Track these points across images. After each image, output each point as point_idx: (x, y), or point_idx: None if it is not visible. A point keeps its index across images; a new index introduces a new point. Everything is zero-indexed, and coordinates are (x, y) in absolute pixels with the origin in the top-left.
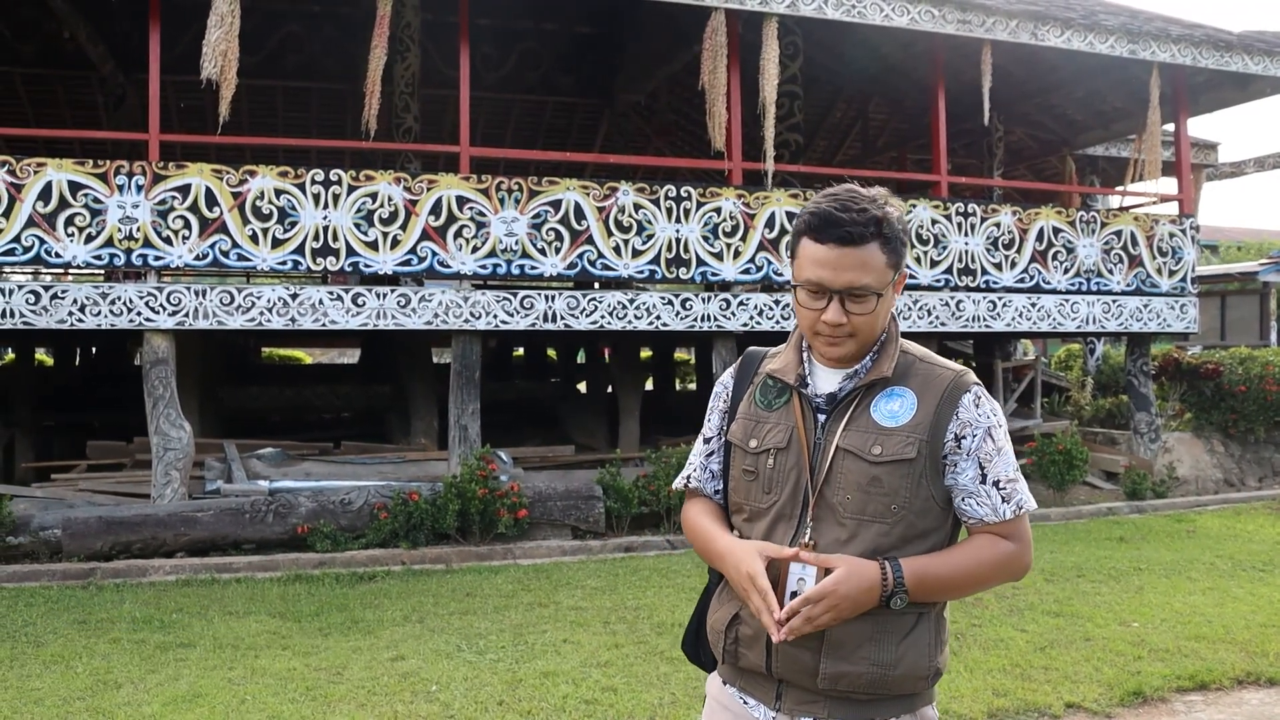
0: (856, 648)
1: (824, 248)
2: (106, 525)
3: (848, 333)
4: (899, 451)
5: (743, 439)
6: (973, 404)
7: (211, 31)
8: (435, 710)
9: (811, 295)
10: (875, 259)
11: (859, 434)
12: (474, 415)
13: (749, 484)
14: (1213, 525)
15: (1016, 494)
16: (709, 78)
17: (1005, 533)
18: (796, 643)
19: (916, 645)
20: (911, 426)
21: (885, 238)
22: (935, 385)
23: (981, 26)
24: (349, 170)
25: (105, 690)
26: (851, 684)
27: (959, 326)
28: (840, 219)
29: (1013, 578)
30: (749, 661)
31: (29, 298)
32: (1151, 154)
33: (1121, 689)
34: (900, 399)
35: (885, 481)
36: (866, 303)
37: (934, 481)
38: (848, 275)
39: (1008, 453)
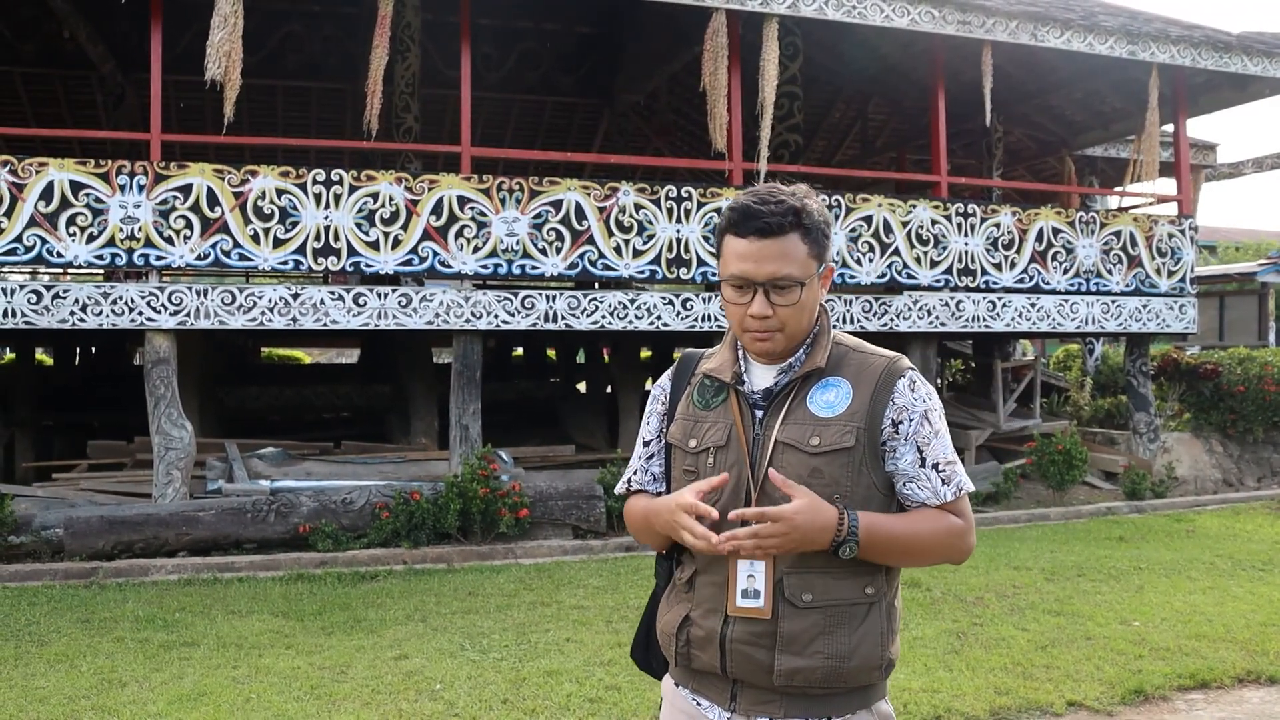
0: (810, 642)
1: (745, 241)
2: (109, 525)
3: (775, 326)
4: (837, 441)
5: (682, 439)
6: (908, 389)
7: (215, 32)
8: (440, 709)
9: (737, 290)
10: (796, 249)
11: (797, 426)
12: (475, 415)
13: (690, 483)
14: (1212, 525)
15: (955, 476)
16: (710, 78)
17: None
18: (749, 640)
19: (869, 636)
20: (848, 415)
21: (805, 228)
22: (869, 373)
23: (981, 27)
24: (350, 170)
25: (110, 689)
26: (807, 679)
27: (959, 327)
28: (759, 211)
29: (956, 555)
30: (702, 663)
31: (31, 297)
32: (1150, 155)
33: (1123, 687)
34: (835, 389)
35: (825, 471)
36: (790, 293)
37: (874, 469)
38: (769, 266)
39: (944, 435)
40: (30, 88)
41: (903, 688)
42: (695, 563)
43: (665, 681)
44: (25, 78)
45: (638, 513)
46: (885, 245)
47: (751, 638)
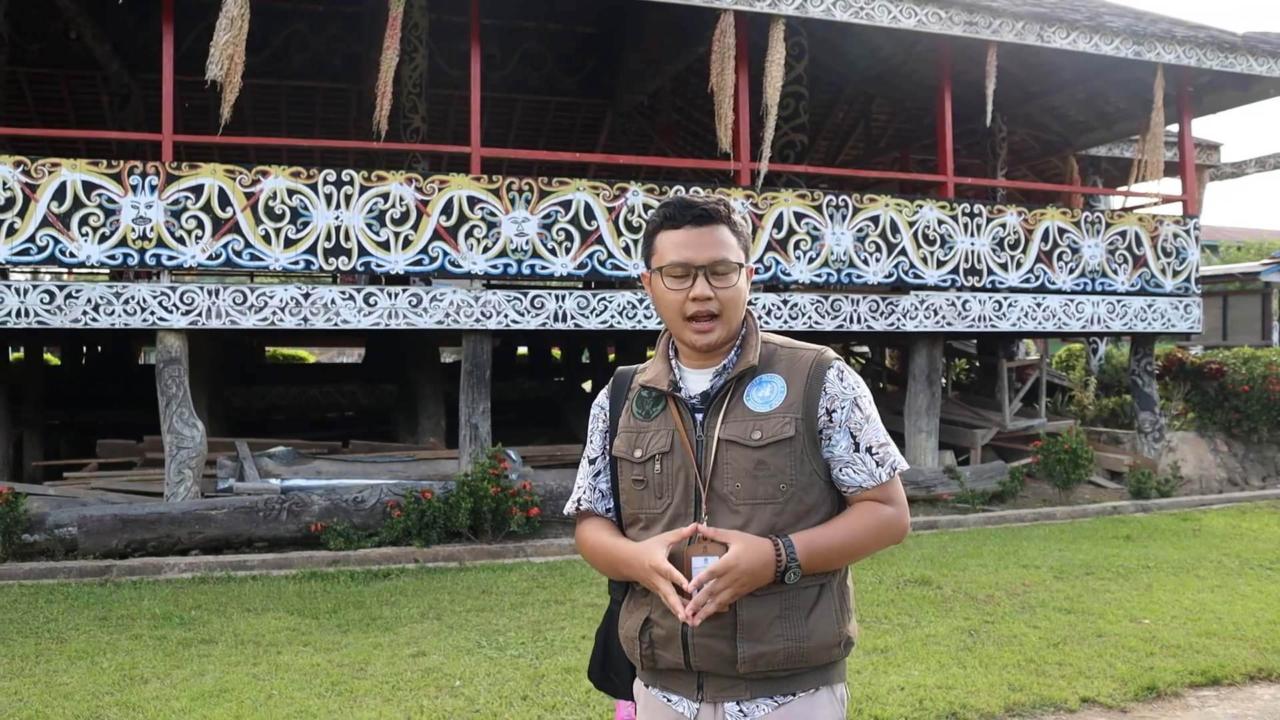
0: (769, 627)
1: (682, 231)
2: (122, 523)
3: (715, 310)
4: (778, 432)
5: (627, 451)
6: (837, 378)
7: (220, 34)
8: (460, 705)
9: (677, 279)
10: (729, 239)
11: (737, 423)
12: (484, 414)
13: (640, 493)
14: (1218, 524)
15: (889, 457)
16: (717, 79)
17: (883, 497)
18: (710, 633)
19: (825, 616)
20: (785, 407)
21: (733, 222)
22: (800, 366)
23: (988, 28)
24: (360, 170)
25: (132, 685)
26: (770, 662)
27: (965, 326)
28: (694, 201)
29: (893, 540)
30: (667, 661)
31: (44, 297)
32: (1154, 155)
33: (1136, 684)
34: (770, 384)
35: (770, 463)
36: (729, 277)
37: (814, 456)
38: (709, 251)
39: (875, 419)
40: (35, 88)
41: (917, 684)
42: None
43: (636, 686)
44: (31, 78)
45: (597, 548)
46: (892, 245)
47: (712, 630)
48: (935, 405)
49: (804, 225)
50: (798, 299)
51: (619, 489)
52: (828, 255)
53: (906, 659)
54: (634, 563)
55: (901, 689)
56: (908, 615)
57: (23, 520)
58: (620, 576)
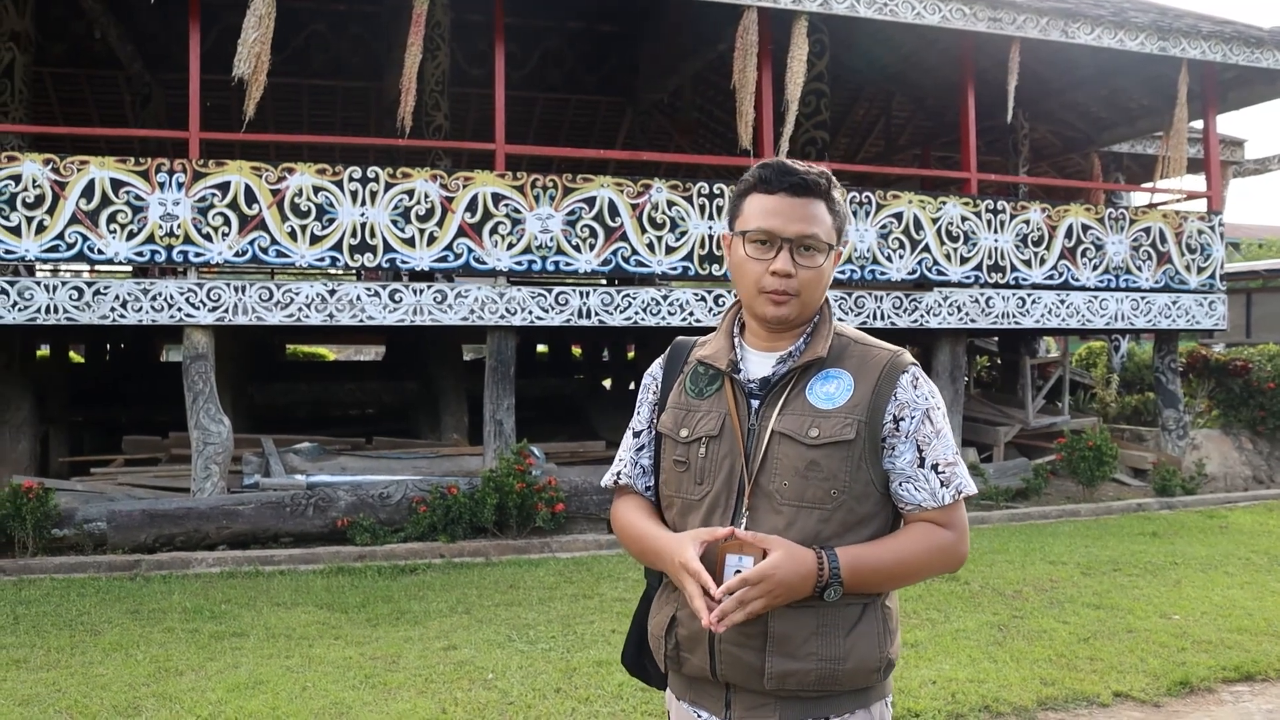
0: (802, 643)
1: (775, 198)
2: (150, 518)
3: (795, 289)
4: (837, 433)
5: (673, 428)
6: (910, 385)
7: (248, 32)
8: (494, 697)
9: (759, 246)
10: (824, 216)
11: (795, 417)
12: (509, 410)
13: (680, 475)
14: (1245, 521)
15: (956, 478)
16: (739, 76)
17: (943, 520)
18: (738, 642)
19: (865, 637)
20: (849, 408)
21: (832, 200)
22: (872, 366)
23: (1012, 24)
24: (386, 168)
25: (168, 677)
26: (800, 682)
27: (989, 323)
28: (794, 169)
29: (948, 569)
30: (693, 667)
31: (72, 293)
32: (1177, 151)
33: (1168, 679)
34: (836, 380)
35: (823, 465)
36: (815, 256)
37: (873, 465)
38: (799, 225)
39: (946, 435)
40: (59, 88)
41: (949, 678)
42: None
43: (668, 697)
44: (54, 77)
45: (630, 530)
46: (915, 242)
47: (740, 638)
48: (958, 402)
49: None
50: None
51: (659, 467)
52: (851, 252)
53: (937, 653)
54: (665, 556)
55: (933, 682)
56: (936, 610)
57: (53, 515)
58: (651, 566)
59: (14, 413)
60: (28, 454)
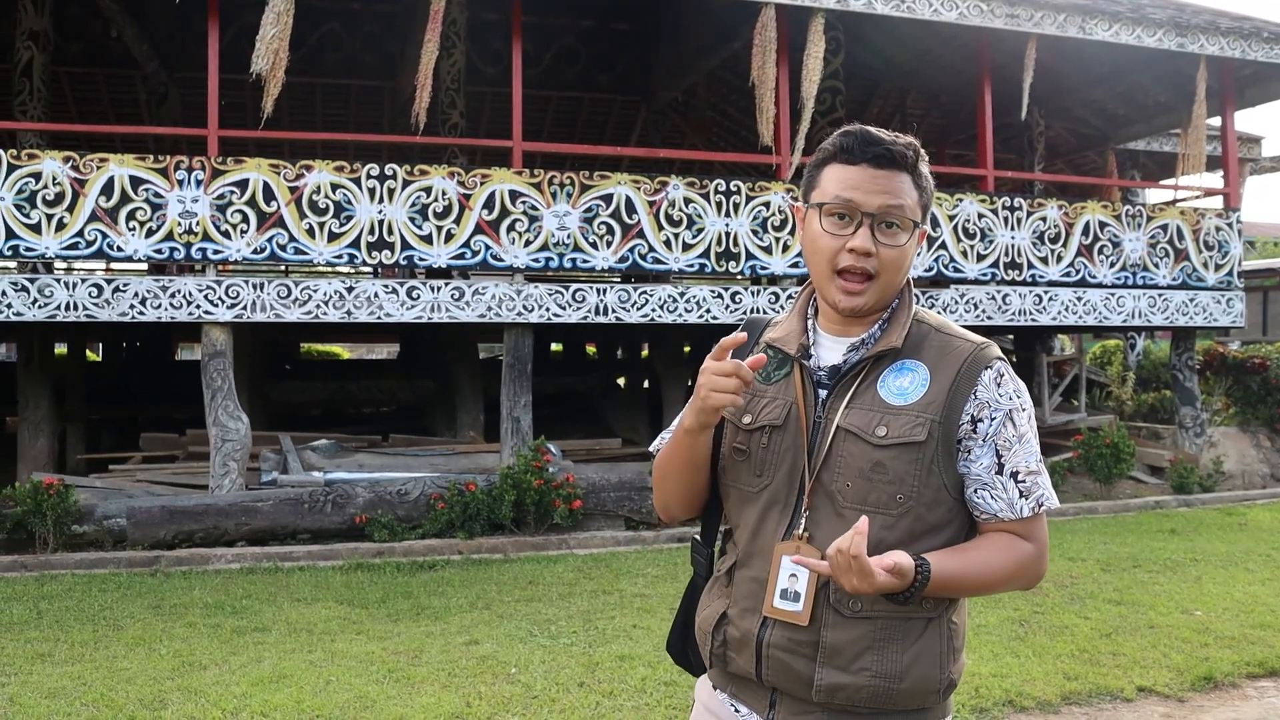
0: (856, 656)
1: (856, 169)
2: (169, 514)
3: (873, 270)
4: (907, 434)
5: (735, 413)
6: (994, 382)
7: (267, 28)
8: (518, 691)
9: (837, 221)
10: (909, 190)
11: (863, 412)
12: (526, 408)
13: (739, 464)
14: (1264, 519)
15: (1038, 489)
16: (758, 73)
17: (1022, 532)
18: (789, 648)
19: (927, 654)
20: (923, 405)
21: (919, 174)
22: (951, 359)
23: (1029, 21)
24: (403, 165)
25: (192, 671)
26: (850, 697)
27: (1005, 320)
28: (879, 138)
29: (1025, 586)
30: (738, 666)
31: (92, 291)
32: (1195, 148)
33: (1192, 674)
34: (911, 374)
35: (890, 468)
36: (898, 234)
37: (947, 469)
38: (882, 197)
39: (1030, 441)
40: (75, 87)
41: (972, 673)
42: (736, 552)
43: (701, 683)
44: (71, 77)
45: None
46: (932, 239)
47: (791, 645)
48: None
49: None
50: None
51: (719, 451)
52: None
53: None
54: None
55: None
56: None
57: (73, 511)
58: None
59: (33, 410)
60: (46, 451)
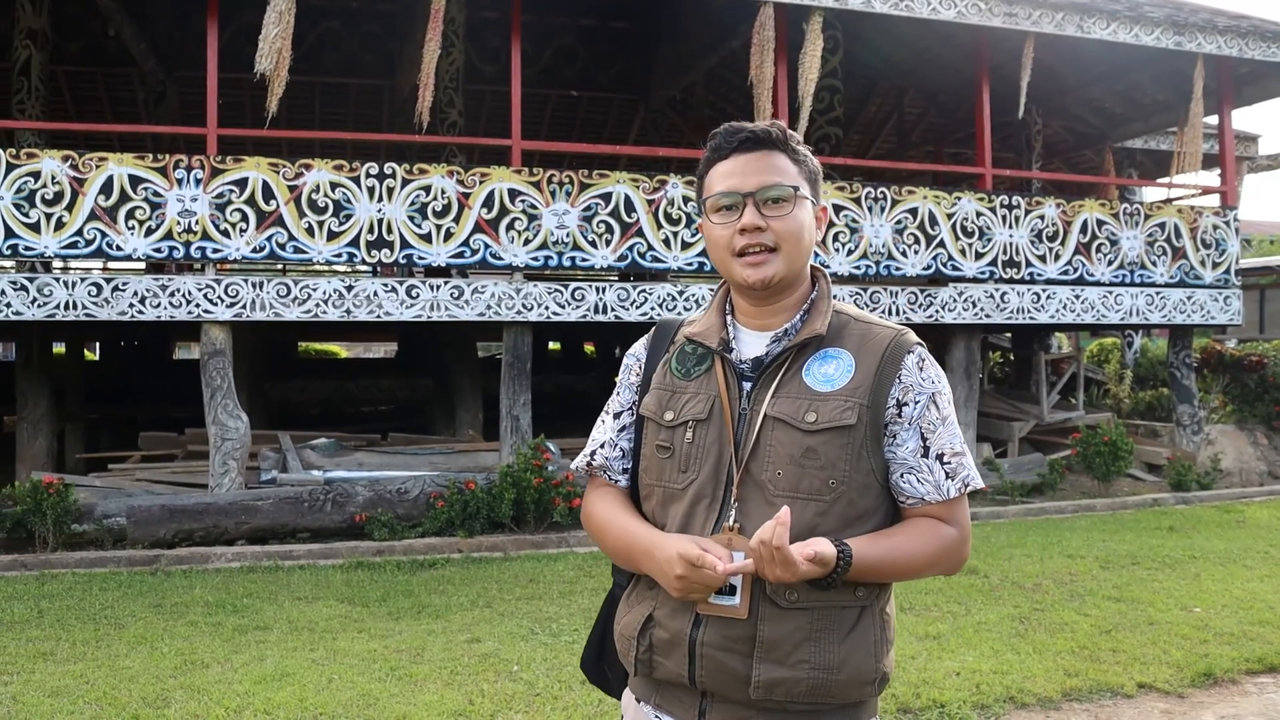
0: (794, 649)
1: (730, 160)
2: (169, 513)
3: (770, 243)
4: (837, 417)
5: (657, 411)
6: (916, 366)
7: (269, 28)
8: (520, 689)
9: (725, 212)
10: (785, 165)
11: (790, 400)
12: (525, 406)
13: (663, 462)
14: (1261, 516)
15: (963, 469)
16: (757, 72)
17: (946, 516)
18: (724, 646)
19: (861, 645)
20: (849, 390)
21: (792, 150)
22: (874, 345)
23: (1028, 19)
24: (402, 164)
25: (194, 669)
26: (789, 692)
27: (1003, 318)
28: (743, 126)
29: (948, 571)
30: (666, 671)
31: (91, 290)
32: (1192, 146)
33: (1192, 670)
34: (836, 361)
35: (821, 453)
36: (783, 205)
37: (874, 454)
38: (757, 177)
39: (953, 423)
40: (73, 86)
41: (973, 669)
42: None
43: (625, 698)
44: (69, 75)
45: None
46: (931, 237)
47: (725, 642)
48: (974, 398)
49: (843, 217)
50: (836, 291)
51: (639, 454)
52: (866, 247)
53: (959, 645)
54: (656, 554)
55: (957, 674)
56: (957, 603)
57: (73, 510)
58: (632, 566)
59: (32, 409)
60: (45, 450)
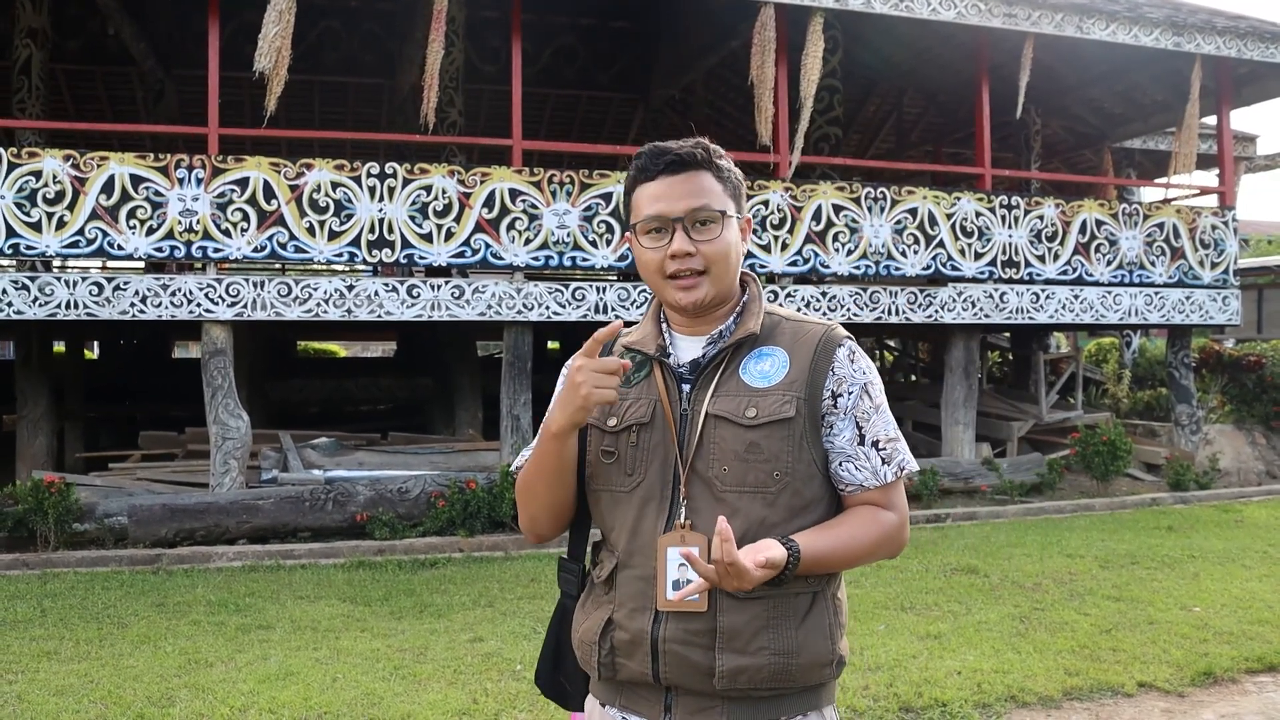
0: (753, 636)
1: (656, 182)
2: (171, 512)
3: (699, 266)
4: (777, 411)
5: (600, 418)
6: (847, 359)
7: (269, 27)
8: (524, 688)
9: (654, 235)
10: (712, 185)
11: (730, 398)
12: (526, 405)
13: (609, 467)
14: (1260, 516)
15: (898, 454)
16: (758, 73)
17: (884, 501)
18: (684, 640)
19: (817, 628)
20: (786, 384)
21: (717, 167)
22: (806, 341)
23: (1027, 20)
24: (403, 163)
25: (198, 669)
26: (752, 679)
27: (1003, 318)
28: (668, 147)
29: (889, 555)
30: (630, 672)
31: (92, 289)
32: (1187, 147)
33: (1192, 669)
34: (770, 358)
35: (764, 446)
36: (712, 228)
37: (814, 444)
38: (685, 201)
39: (885, 410)
40: (72, 84)
41: (974, 668)
42: (615, 556)
43: (589, 704)
44: (68, 74)
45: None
46: (930, 237)
47: (687, 636)
48: (973, 397)
49: (843, 218)
50: (836, 291)
51: (584, 460)
52: (866, 247)
53: (960, 644)
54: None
55: (959, 673)
56: (958, 603)
57: (74, 510)
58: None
59: (32, 408)
60: (45, 449)
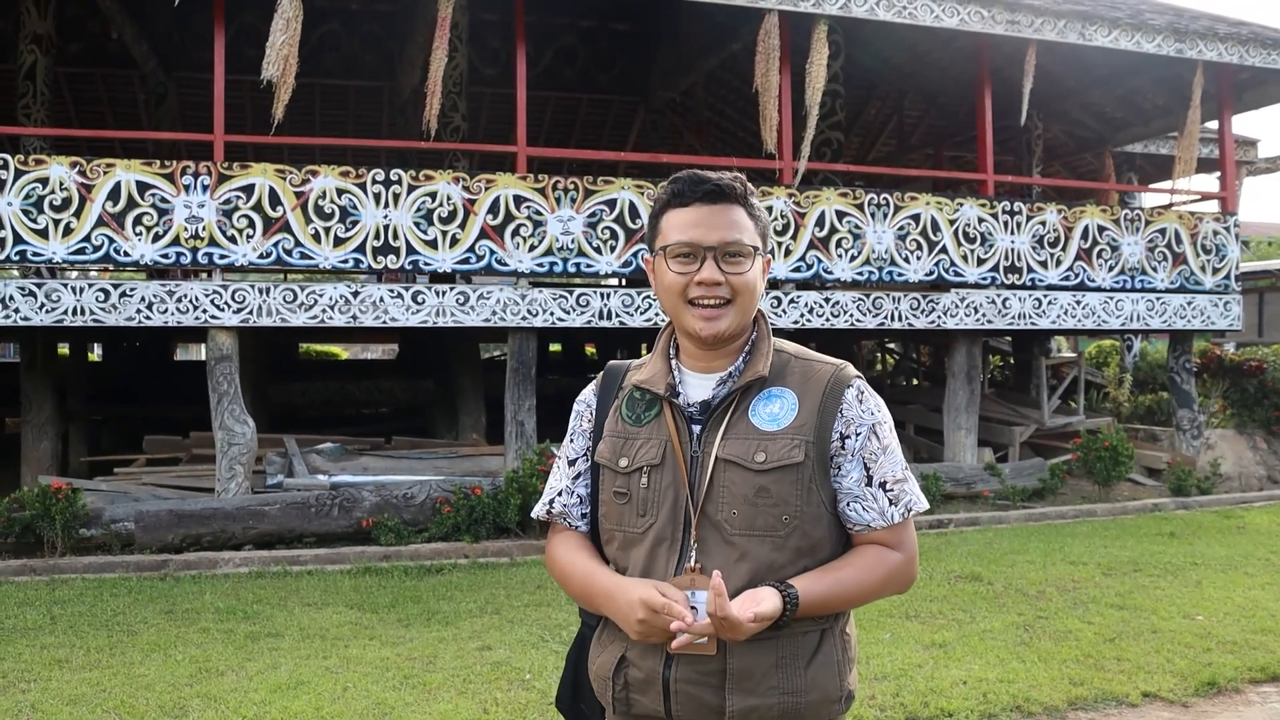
0: (763, 677)
1: (691, 209)
2: (177, 518)
3: (726, 296)
4: (785, 456)
5: (611, 458)
6: (856, 400)
7: (276, 35)
8: (534, 698)
9: (683, 260)
10: (745, 221)
11: (739, 441)
12: (530, 411)
13: (621, 508)
14: (1262, 522)
15: (905, 495)
16: (761, 80)
17: (892, 541)
18: (696, 680)
19: (826, 667)
20: (795, 428)
21: (750, 205)
22: (815, 382)
23: (1030, 27)
24: (409, 170)
25: (209, 677)
26: (763, 718)
27: (1005, 324)
28: (706, 176)
29: (897, 592)
30: (643, 708)
31: (99, 295)
32: (1187, 152)
33: (1196, 679)
34: (780, 400)
35: (774, 491)
36: (742, 262)
37: (823, 486)
38: (720, 231)
39: (895, 451)
40: (74, 88)
41: (979, 678)
42: None
43: None
44: (69, 77)
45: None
46: (933, 243)
47: (698, 677)
48: (975, 402)
49: (846, 224)
50: (840, 297)
51: (597, 499)
52: (869, 253)
53: (965, 653)
54: (618, 598)
55: (964, 683)
56: (962, 611)
57: (81, 515)
58: (596, 609)
59: (37, 412)
60: (49, 453)
